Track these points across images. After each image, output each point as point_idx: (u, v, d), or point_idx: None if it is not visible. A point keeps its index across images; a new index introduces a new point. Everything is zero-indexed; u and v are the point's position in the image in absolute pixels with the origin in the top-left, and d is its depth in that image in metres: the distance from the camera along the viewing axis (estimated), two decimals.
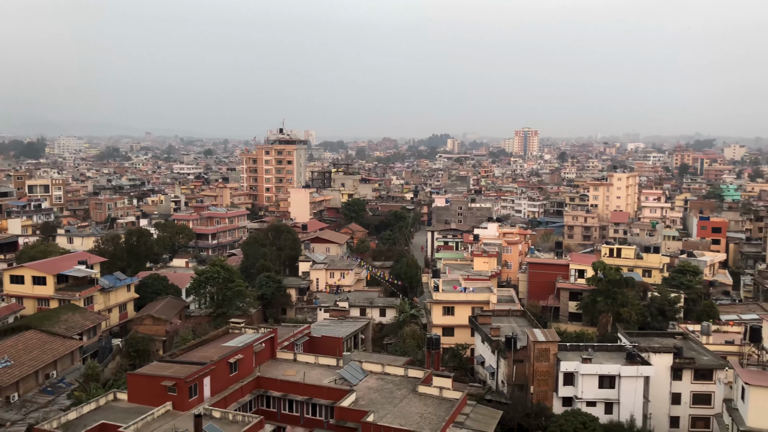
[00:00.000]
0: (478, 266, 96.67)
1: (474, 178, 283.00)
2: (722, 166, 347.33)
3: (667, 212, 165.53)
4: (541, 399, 57.82)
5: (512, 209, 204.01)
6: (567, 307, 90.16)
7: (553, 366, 58.50)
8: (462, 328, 77.52)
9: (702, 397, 59.80)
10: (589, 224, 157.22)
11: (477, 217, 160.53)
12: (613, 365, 57.87)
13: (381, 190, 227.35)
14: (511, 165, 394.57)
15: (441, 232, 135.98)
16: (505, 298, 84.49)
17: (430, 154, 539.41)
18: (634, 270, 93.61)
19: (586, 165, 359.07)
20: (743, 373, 46.68)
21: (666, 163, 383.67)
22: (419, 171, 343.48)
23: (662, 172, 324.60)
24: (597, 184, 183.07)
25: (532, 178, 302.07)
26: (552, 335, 60.70)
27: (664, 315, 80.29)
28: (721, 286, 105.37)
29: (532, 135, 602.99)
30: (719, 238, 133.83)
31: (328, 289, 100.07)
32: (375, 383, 51.22)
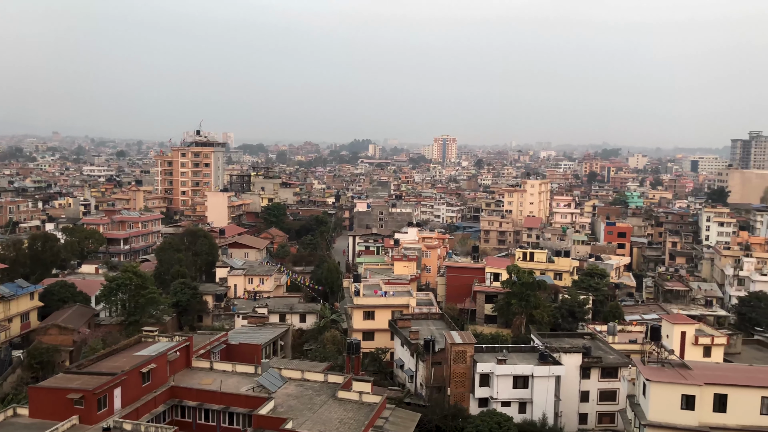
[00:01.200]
0: (399, 270, 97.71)
1: (395, 183, 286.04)
2: (627, 174, 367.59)
3: (577, 218, 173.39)
4: (459, 400, 59.10)
5: (431, 214, 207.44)
6: (483, 309, 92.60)
7: (470, 368, 59.95)
8: (382, 332, 78.09)
9: (608, 394, 62.98)
10: (504, 229, 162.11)
11: (397, 221, 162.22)
12: (526, 366, 59.97)
13: (302, 194, 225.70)
14: (431, 171, 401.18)
15: (362, 237, 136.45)
16: (424, 302, 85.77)
17: (351, 159, 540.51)
18: (546, 273, 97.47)
19: (501, 172, 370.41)
20: (644, 370, 49.50)
21: (576, 171, 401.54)
22: (341, 176, 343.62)
23: (572, 180, 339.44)
24: (511, 190, 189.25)
25: (450, 184, 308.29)
26: (469, 337, 62.19)
27: (574, 316, 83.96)
28: (626, 288, 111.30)
29: (450, 142, 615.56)
30: (624, 242, 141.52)
31: (247, 295, 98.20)
32: (294, 390, 50.75)
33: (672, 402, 46.91)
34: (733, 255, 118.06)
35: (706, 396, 46.72)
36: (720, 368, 54.67)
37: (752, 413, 46.55)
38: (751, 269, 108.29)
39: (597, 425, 63.02)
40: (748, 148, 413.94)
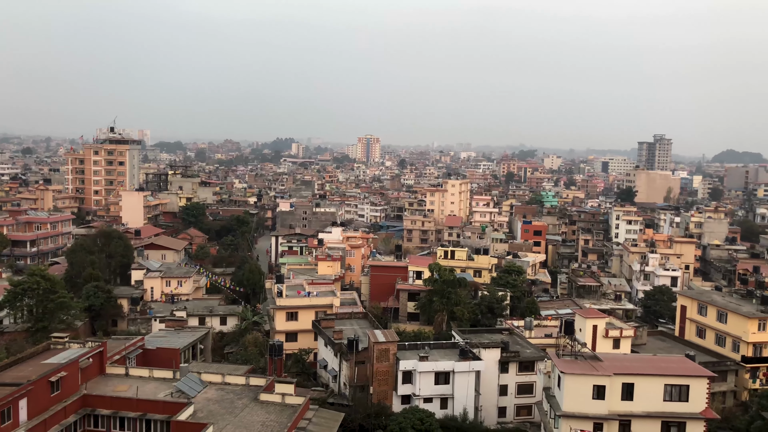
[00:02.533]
0: (323, 270, 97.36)
1: (319, 182, 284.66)
2: (542, 174, 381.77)
3: (495, 217, 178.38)
4: (382, 398, 59.58)
5: (356, 214, 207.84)
6: (406, 307, 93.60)
7: (393, 365, 60.55)
8: (306, 333, 77.58)
9: (525, 387, 65.26)
10: (427, 228, 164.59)
11: (321, 221, 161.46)
12: (447, 362, 61.19)
13: (222, 193, 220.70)
14: (355, 171, 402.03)
15: (285, 237, 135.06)
16: (348, 301, 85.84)
17: (274, 157, 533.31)
18: (466, 271, 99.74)
19: (423, 172, 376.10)
20: (559, 362, 51.58)
21: (494, 171, 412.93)
22: (263, 175, 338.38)
23: (491, 180, 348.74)
24: (433, 190, 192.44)
25: (374, 183, 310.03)
26: (392, 336, 62.79)
27: (493, 312, 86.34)
28: (542, 284, 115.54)
29: (374, 142, 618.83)
30: (540, 240, 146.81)
31: (164, 298, 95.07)
32: (215, 394, 49.62)
33: (584, 392, 49.12)
34: (639, 252, 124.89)
35: (615, 386, 49.24)
36: (627, 359, 57.77)
37: (656, 400, 49.46)
38: (655, 265, 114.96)
39: (515, 418, 65.15)
40: (653, 150, 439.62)
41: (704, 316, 79.75)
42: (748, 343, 72.56)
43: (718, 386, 68.90)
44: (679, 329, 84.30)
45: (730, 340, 75.22)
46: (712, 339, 77.92)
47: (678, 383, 49.68)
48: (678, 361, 55.58)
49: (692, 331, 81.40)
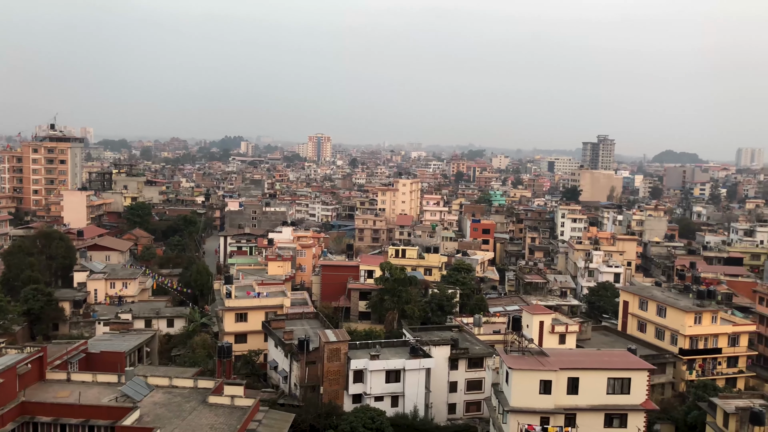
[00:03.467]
0: (273, 270, 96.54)
1: (269, 182, 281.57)
2: (491, 174, 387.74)
3: (445, 215, 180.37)
4: (333, 398, 59.52)
5: (307, 213, 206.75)
6: (357, 306, 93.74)
7: (344, 365, 60.55)
8: (255, 334, 76.80)
9: (475, 383, 66.22)
10: (378, 227, 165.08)
11: (271, 221, 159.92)
12: (398, 360, 61.58)
13: (169, 193, 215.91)
14: (306, 170, 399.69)
15: (234, 237, 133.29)
16: (298, 301, 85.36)
17: (223, 156, 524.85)
18: (417, 269, 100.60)
19: (375, 171, 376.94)
20: (507, 358, 52.58)
21: (444, 171, 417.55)
22: (211, 174, 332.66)
23: (441, 179, 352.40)
24: (384, 189, 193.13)
25: (325, 182, 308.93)
26: (343, 335, 62.77)
27: (443, 310, 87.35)
28: (490, 282, 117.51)
29: (325, 141, 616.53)
30: (488, 238, 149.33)
31: (109, 300, 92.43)
32: (162, 398, 48.57)
33: (531, 387, 50.19)
34: (584, 249, 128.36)
35: (561, 380, 50.49)
36: (573, 354, 59.36)
37: (600, 393, 50.95)
38: (599, 261, 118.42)
39: (465, 414, 66.04)
40: (597, 150, 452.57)
41: (645, 310, 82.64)
42: (685, 336, 75.57)
43: (658, 378, 71.45)
44: (621, 324, 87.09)
45: (668, 333, 78.17)
46: (652, 333, 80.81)
47: (620, 376, 51.30)
48: (620, 355, 57.38)
49: (634, 325, 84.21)
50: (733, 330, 78.00)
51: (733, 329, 78.12)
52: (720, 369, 76.86)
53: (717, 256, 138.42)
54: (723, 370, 76.79)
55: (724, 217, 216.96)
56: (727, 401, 55.61)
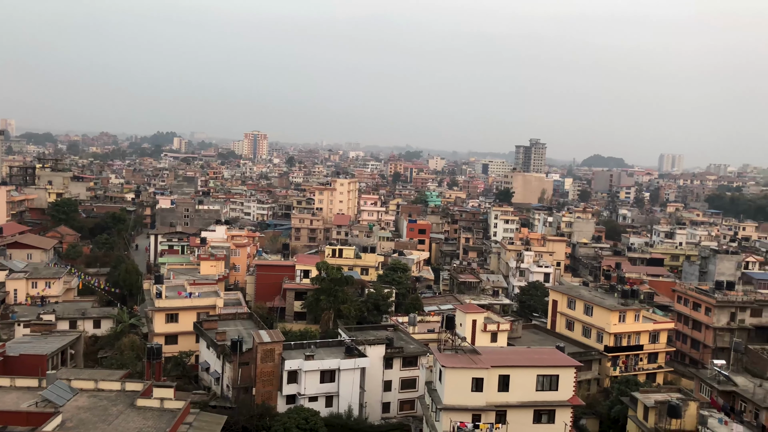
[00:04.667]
0: (205, 270, 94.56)
1: (202, 179, 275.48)
2: (427, 175, 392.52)
3: (383, 215, 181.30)
4: (266, 399, 58.83)
5: (241, 212, 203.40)
6: (293, 306, 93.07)
7: (278, 366, 59.96)
8: (187, 335, 75.13)
9: (409, 382, 66.85)
10: (315, 226, 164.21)
11: (205, 219, 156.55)
12: (333, 360, 61.46)
13: (97, 189, 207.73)
14: (241, 167, 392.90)
15: (166, 236, 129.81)
16: (232, 302, 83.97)
17: (154, 152, 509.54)
18: (353, 269, 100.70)
19: (312, 170, 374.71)
20: (440, 357, 53.37)
21: (382, 171, 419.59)
22: (142, 170, 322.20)
23: (378, 179, 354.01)
24: (322, 188, 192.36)
25: (261, 181, 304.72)
26: (277, 335, 62.16)
27: (379, 309, 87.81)
28: (425, 281, 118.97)
29: (261, 138, 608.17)
30: (424, 238, 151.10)
31: (30, 301, 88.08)
32: (87, 402, 46.73)
33: (464, 385, 51.11)
34: (515, 249, 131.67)
35: (492, 378, 51.66)
36: (504, 352, 60.86)
37: (529, 390, 52.45)
38: (530, 262, 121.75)
39: (399, 413, 66.58)
40: (529, 153, 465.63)
41: (573, 309, 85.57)
42: (610, 334, 78.69)
43: (584, 375, 74.12)
44: (550, 322, 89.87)
45: (595, 331, 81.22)
46: (579, 331, 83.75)
47: (549, 373, 52.96)
48: (549, 352, 59.24)
49: (562, 323, 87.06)
50: (653, 327, 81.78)
51: (654, 327, 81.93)
52: (641, 365, 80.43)
53: (640, 257, 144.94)
54: (644, 366, 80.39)
55: (647, 219, 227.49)
56: (647, 396, 58.41)
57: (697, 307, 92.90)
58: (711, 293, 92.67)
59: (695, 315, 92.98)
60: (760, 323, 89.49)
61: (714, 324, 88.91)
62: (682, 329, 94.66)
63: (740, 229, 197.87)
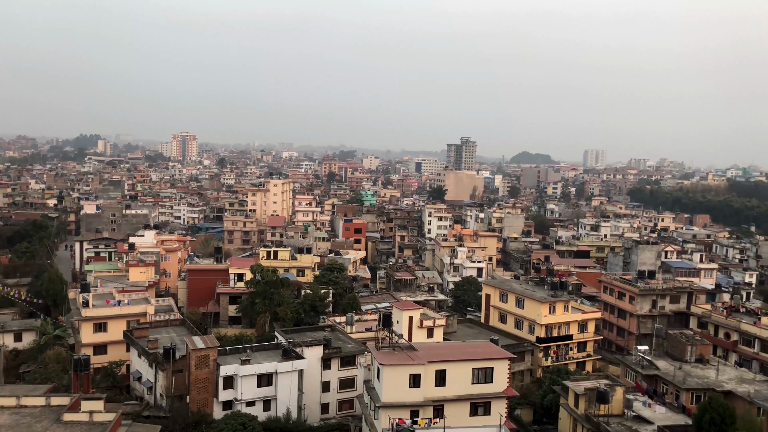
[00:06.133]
0: (135, 277, 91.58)
1: (129, 182, 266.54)
2: (362, 174, 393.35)
3: (318, 216, 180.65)
4: (202, 407, 57.61)
5: (171, 215, 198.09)
6: (227, 311, 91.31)
7: (213, 372, 58.82)
8: (116, 344, 72.63)
9: (347, 382, 66.95)
10: (249, 229, 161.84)
11: (133, 224, 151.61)
12: (270, 363, 60.80)
13: (15, 195, 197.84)
14: (170, 170, 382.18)
15: (92, 242, 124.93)
16: (163, 308, 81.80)
17: (77, 155, 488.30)
18: (289, 270, 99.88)
19: (244, 171, 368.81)
20: (378, 355, 53.70)
21: (316, 171, 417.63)
22: (65, 174, 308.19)
23: (313, 179, 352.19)
24: (255, 189, 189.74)
25: (191, 183, 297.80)
26: (211, 341, 60.94)
27: (316, 310, 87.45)
28: (362, 280, 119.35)
29: (190, 140, 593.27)
30: (360, 237, 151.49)
31: None
32: (8, 419, 44.46)
33: (402, 382, 51.58)
34: (449, 246, 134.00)
35: (429, 373, 52.36)
36: (440, 347, 61.77)
37: (466, 383, 53.40)
38: (463, 257, 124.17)
39: (338, 413, 66.56)
40: (461, 151, 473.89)
41: (505, 302, 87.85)
42: (541, 325, 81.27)
43: (518, 366, 76.31)
44: (484, 316, 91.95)
45: (526, 323, 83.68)
46: (512, 323, 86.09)
47: (484, 366, 54.09)
48: (483, 345, 60.56)
49: (496, 317, 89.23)
50: (582, 317, 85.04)
51: (582, 317, 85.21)
52: (571, 354, 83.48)
53: (568, 249, 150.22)
54: (574, 355, 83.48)
55: (574, 213, 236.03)
56: (577, 383, 60.68)
57: (622, 296, 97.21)
58: (634, 282, 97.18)
59: (620, 304, 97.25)
60: (678, 309, 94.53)
61: (637, 312, 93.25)
62: (608, 318, 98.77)
63: (659, 220, 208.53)
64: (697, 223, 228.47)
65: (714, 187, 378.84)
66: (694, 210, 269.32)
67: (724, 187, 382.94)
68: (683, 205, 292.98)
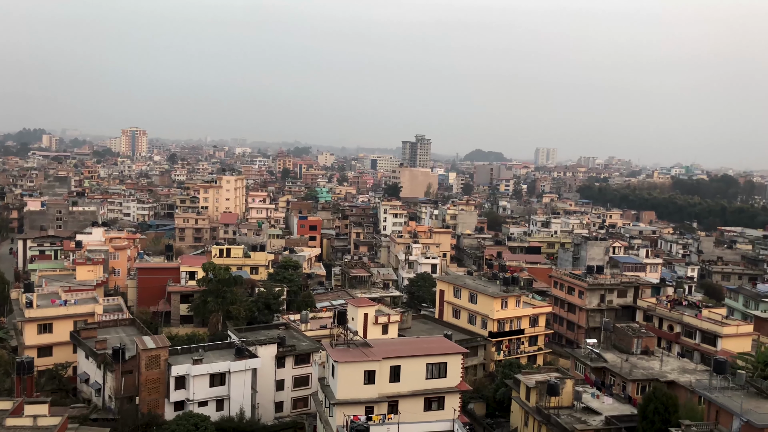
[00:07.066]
0: (82, 276, 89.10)
1: (76, 179, 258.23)
2: (317, 171, 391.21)
3: (272, 213, 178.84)
4: (152, 408, 56.53)
5: (120, 212, 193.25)
6: (179, 310, 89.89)
7: (164, 372, 57.76)
8: (63, 346, 70.45)
9: (302, 380, 66.74)
10: (200, 226, 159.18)
11: (80, 221, 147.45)
12: (223, 362, 60.08)
13: None
14: (119, 166, 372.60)
15: (36, 240, 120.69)
16: (112, 308, 79.85)
17: (20, 150, 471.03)
18: (242, 268, 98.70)
19: (196, 167, 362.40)
20: (333, 352, 53.64)
21: (270, 168, 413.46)
22: (6, 170, 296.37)
23: (267, 176, 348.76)
24: (207, 186, 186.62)
25: (141, 179, 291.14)
26: (162, 341, 59.82)
27: (270, 308, 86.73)
28: (317, 277, 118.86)
29: (140, 135, 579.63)
30: (315, 234, 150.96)
31: None
32: None
33: (356, 379, 51.69)
34: (404, 242, 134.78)
35: (384, 369, 52.59)
36: (395, 343, 62.14)
37: (420, 379, 53.89)
38: (418, 254, 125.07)
39: (292, 411, 66.27)
40: (415, 149, 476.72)
41: (459, 298, 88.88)
42: (493, 320, 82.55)
43: (471, 361, 77.32)
44: (438, 312, 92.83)
45: (479, 318, 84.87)
46: (465, 318, 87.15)
47: (437, 361, 54.70)
48: (437, 341, 61.23)
49: (449, 312, 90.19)
50: (533, 312, 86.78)
51: (533, 311, 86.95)
52: (523, 348, 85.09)
53: (519, 245, 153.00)
54: (526, 349, 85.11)
55: (526, 210, 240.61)
56: (529, 377, 61.95)
57: (572, 290, 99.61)
58: (583, 277, 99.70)
59: (570, 298, 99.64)
60: (625, 303, 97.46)
61: (586, 306, 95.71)
62: (558, 312, 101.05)
63: (607, 216, 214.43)
64: (644, 219, 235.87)
65: (659, 185, 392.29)
66: (641, 207, 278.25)
67: (668, 184, 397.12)
68: (630, 202, 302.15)
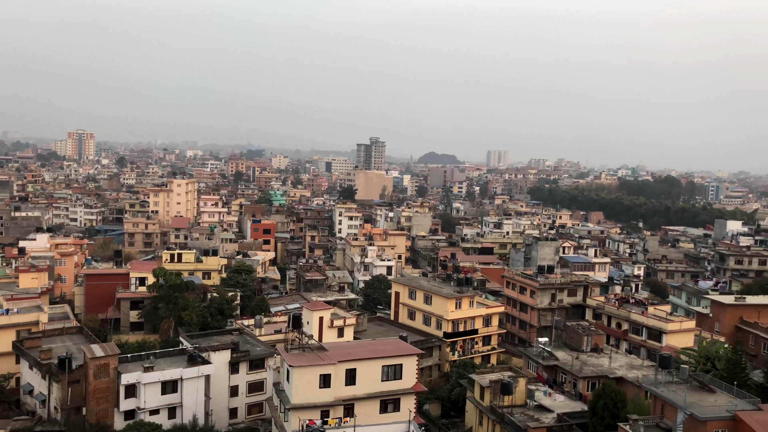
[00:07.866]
0: (25, 283, 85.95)
1: (19, 183, 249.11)
2: (271, 174, 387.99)
3: (225, 216, 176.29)
4: (101, 418, 55.04)
5: (67, 217, 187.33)
6: (128, 317, 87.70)
7: (114, 381, 56.30)
8: (5, 356, 67.80)
9: (256, 385, 66.04)
10: (151, 231, 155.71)
11: (23, 227, 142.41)
12: (175, 370, 58.93)
13: None
14: (65, 169, 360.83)
15: None
16: (58, 316, 77.43)
17: None
18: (194, 273, 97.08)
19: (146, 171, 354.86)
20: (288, 356, 53.25)
21: (223, 171, 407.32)
22: None
23: (219, 179, 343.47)
24: (157, 190, 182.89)
25: (88, 183, 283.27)
26: (111, 348, 58.31)
27: (223, 314, 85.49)
28: (272, 282, 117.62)
29: (87, 138, 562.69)
30: (269, 238, 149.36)
31: None
32: None
33: (312, 383, 51.45)
34: (359, 245, 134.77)
35: (339, 373, 52.52)
36: (350, 346, 62.02)
37: (375, 381, 54.01)
38: (373, 256, 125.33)
39: (247, 417, 65.48)
40: (370, 151, 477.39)
41: (414, 299, 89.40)
42: (448, 321, 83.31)
43: (426, 361, 77.84)
44: (394, 313, 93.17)
45: (434, 319, 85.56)
46: (420, 320, 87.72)
47: (393, 363, 54.92)
48: (393, 343, 61.44)
49: (405, 314, 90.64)
50: (486, 312, 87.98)
51: (487, 311, 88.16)
52: (477, 348, 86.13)
53: (473, 246, 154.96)
54: (479, 349, 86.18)
55: (478, 212, 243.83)
56: (483, 376, 62.86)
57: (523, 290, 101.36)
58: (534, 277, 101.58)
59: (522, 298, 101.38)
60: (575, 302, 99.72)
61: (538, 305, 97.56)
62: (511, 312, 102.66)
63: (557, 217, 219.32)
64: (592, 219, 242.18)
65: (606, 186, 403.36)
66: (589, 207, 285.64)
67: (615, 185, 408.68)
68: (579, 202, 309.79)
